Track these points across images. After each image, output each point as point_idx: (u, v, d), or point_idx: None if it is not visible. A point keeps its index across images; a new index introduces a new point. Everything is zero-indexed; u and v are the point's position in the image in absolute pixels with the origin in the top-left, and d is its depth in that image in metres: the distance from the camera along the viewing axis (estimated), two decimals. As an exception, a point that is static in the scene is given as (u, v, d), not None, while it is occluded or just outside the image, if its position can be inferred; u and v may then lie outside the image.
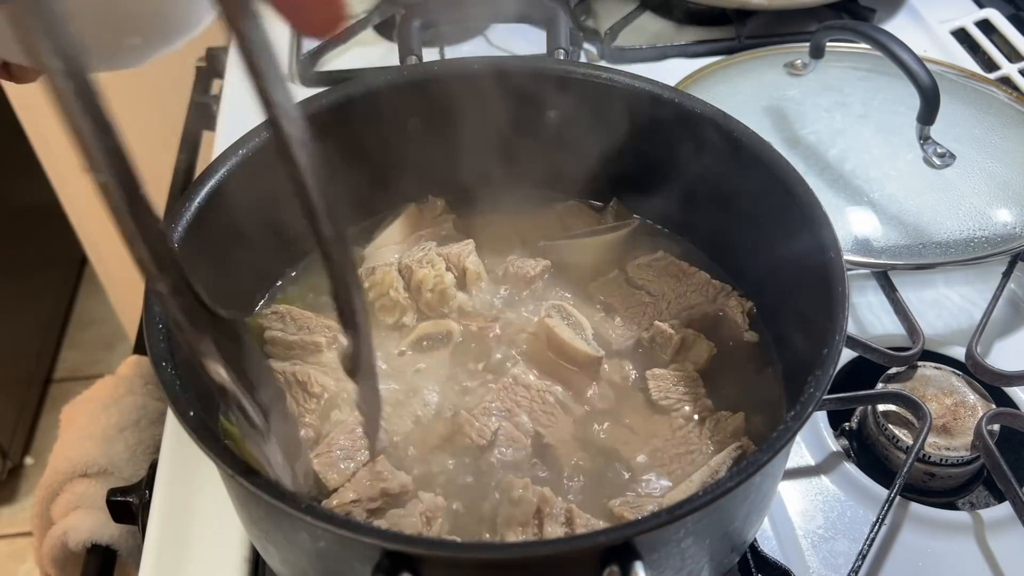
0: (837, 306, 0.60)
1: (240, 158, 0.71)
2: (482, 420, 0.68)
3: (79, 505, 0.85)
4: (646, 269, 0.81)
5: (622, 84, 0.79)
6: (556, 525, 0.60)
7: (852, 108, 1.00)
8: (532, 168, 0.84)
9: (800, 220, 0.67)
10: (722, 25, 1.28)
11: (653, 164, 0.82)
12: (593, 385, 0.72)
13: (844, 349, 0.59)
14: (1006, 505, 0.75)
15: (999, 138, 0.98)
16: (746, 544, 0.66)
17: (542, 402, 0.70)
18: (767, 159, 0.71)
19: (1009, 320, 0.92)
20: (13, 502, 2.15)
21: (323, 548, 0.53)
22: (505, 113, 0.78)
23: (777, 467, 0.64)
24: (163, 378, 0.56)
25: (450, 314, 0.77)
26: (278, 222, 0.65)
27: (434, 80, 0.81)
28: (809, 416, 0.54)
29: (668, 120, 0.77)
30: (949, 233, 0.88)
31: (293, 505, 0.49)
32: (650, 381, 0.72)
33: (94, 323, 2.49)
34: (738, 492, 0.51)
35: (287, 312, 0.76)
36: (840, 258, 0.63)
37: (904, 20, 1.30)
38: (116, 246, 0.39)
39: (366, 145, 0.80)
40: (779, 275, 0.72)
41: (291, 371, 0.72)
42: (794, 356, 0.70)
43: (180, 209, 0.67)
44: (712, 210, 0.79)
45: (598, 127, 0.80)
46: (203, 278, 0.44)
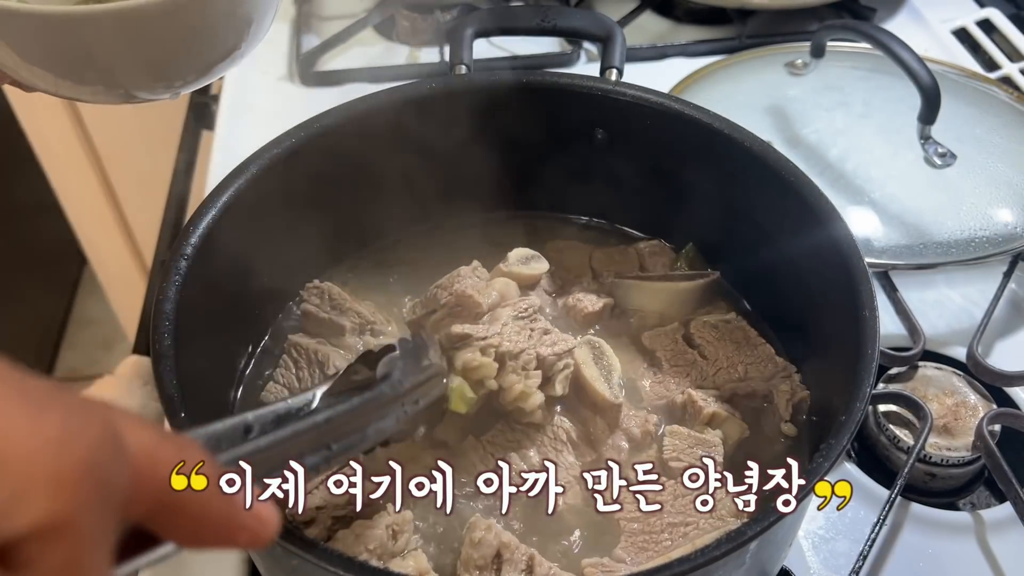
0: (858, 392, 0.57)
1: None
2: (489, 447, 0.67)
3: (78, 505, 0.84)
4: (709, 329, 0.76)
5: (701, 121, 0.75)
6: (515, 571, 0.59)
7: (853, 108, 1.00)
8: (599, 192, 0.84)
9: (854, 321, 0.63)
10: (723, 25, 1.28)
11: (737, 218, 0.78)
12: (610, 433, 0.69)
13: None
14: (1007, 505, 0.75)
15: (1000, 138, 0.97)
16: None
17: (553, 437, 0.67)
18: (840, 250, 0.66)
19: (1010, 320, 0.92)
20: (13, 502, 2.14)
21: (296, 566, 0.53)
22: (570, 135, 0.79)
23: (768, 540, 0.59)
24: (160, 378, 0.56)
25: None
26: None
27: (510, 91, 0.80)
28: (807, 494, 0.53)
29: (756, 176, 0.74)
30: (950, 233, 0.88)
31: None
32: (667, 438, 0.68)
33: (93, 323, 2.49)
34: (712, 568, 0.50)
35: (328, 290, 0.77)
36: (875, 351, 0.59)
37: (905, 20, 1.30)
38: (116, 246, 0.39)
39: (440, 150, 0.79)
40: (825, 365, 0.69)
41: (314, 348, 0.73)
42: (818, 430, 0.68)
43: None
44: (785, 286, 0.75)
45: (683, 165, 0.78)
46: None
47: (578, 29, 0.91)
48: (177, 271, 0.63)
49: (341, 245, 0.83)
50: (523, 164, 0.82)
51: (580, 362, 0.70)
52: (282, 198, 0.73)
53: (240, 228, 0.69)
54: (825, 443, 0.55)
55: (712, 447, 0.67)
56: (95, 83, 0.57)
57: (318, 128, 0.74)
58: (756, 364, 0.73)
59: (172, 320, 0.60)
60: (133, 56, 0.55)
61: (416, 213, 0.85)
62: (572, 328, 0.77)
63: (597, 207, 0.87)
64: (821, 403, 0.70)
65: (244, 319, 0.76)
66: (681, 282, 0.79)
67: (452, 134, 0.79)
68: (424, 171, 0.79)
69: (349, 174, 0.78)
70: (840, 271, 0.64)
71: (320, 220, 0.78)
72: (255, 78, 1.19)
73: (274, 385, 0.72)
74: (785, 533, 0.63)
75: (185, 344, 0.60)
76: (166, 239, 1.11)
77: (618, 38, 0.86)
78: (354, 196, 0.80)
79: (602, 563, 0.61)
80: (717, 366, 0.74)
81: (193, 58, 0.58)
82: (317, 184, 0.76)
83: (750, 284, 0.80)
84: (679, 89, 1.07)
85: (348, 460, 0.53)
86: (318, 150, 0.74)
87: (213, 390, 0.71)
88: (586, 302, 0.77)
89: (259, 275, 0.74)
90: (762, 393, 0.72)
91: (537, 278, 0.78)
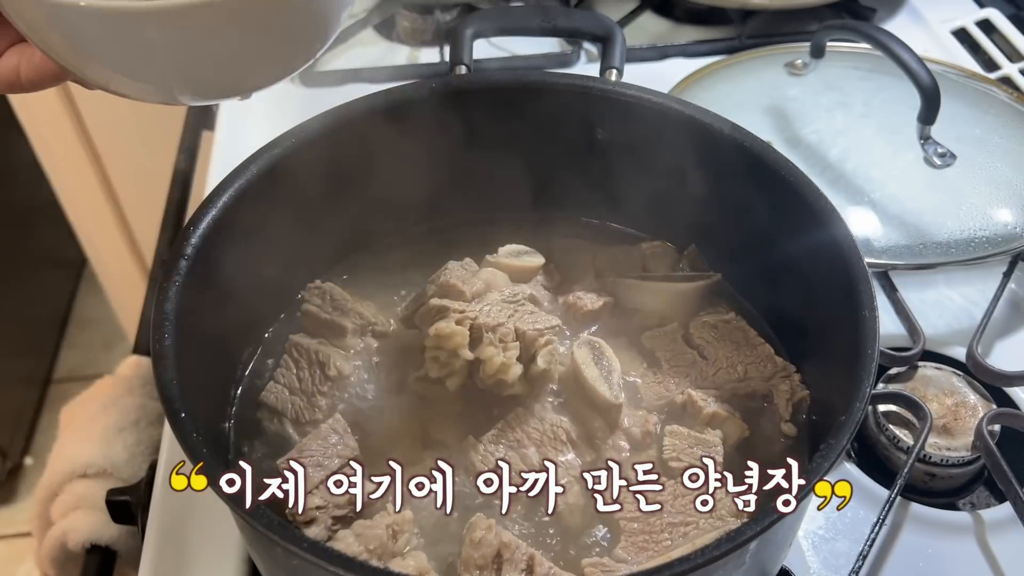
0: (858, 392, 0.57)
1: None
2: (489, 447, 0.67)
3: (78, 506, 0.85)
4: (709, 329, 0.76)
5: (705, 123, 0.75)
6: (515, 571, 0.59)
7: (853, 108, 1.00)
8: (600, 193, 0.84)
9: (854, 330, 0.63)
10: (722, 25, 1.28)
11: (736, 218, 0.78)
12: (610, 433, 0.69)
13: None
14: (1007, 505, 0.75)
15: (1000, 138, 0.97)
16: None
17: (553, 437, 0.67)
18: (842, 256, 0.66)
19: (1010, 320, 0.92)
20: (13, 502, 2.14)
21: (296, 566, 0.54)
22: (569, 134, 0.79)
23: (768, 540, 0.59)
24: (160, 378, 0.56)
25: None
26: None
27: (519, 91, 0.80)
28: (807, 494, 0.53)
29: (756, 176, 0.73)
30: (950, 233, 0.88)
31: (262, 522, 0.50)
32: (666, 438, 0.68)
33: (93, 323, 2.49)
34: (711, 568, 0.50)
35: (329, 290, 0.77)
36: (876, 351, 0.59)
37: (905, 20, 1.30)
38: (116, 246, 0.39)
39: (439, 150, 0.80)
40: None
41: (315, 349, 0.73)
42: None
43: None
44: (785, 286, 0.75)
45: (684, 167, 0.78)
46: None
47: (578, 29, 0.91)
48: (177, 271, 0.63)
49: (342, 245, 0.83)
50: (523, 165, 0.82)
51: (580, 362, 0.70)
52: (282, 198, 0.73)
53: (240, 228, 0.69)
54: (825, 443, 0.55)
55: (712, 447, 0.67)
56: (153, 82, 0.53)
57: (318, 128, 0.74)
58: (756, 364, 0.73)
59: (172, 320, 0.60)
60: (194, 55, 0.51)
61: (417, 213, 0.85)
62: (572, 326, 0.77)
63: (598, 208, 0.87)
64: (821, 403, 0.70)
65: (244, 319, 0.76)
66: (682, 283, 0.79)
67: (452, 134, 0.79)
68: (425, 171, 0.79)
69: (349, 174, 0.78)
70: (840, 271, 0.64)
71: (321, 220, 0.78)
72: (255, 78, 1.19)
73: (274, 385, 0.72)
74: (785, 533, 0.63)
75: (185, 344, 0.60)
76: (166, 239, 1.11)
77: (618, 38, 0.86)
78: (355, 196, 0.80)
79: (602, 563, 0.61)
80: (717, 366, 0.74)
81: (262, 59, 0.53)
82: (317, 184, 0.76)
83: (750, 284, 0.80)
84: (679, 89, 1.07)
85: None
86: (318, 150, 0.74)
87: (213, 390, 0.71)
88: (586, 300, 0.78)
89: (259, 275, 0.74)
90: (762, 393, 0.72)
91: (530, 271, 0.78)
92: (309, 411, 0.71)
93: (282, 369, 0.73)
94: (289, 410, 0.71)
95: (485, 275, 0.73)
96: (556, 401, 0.71)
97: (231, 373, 0.74)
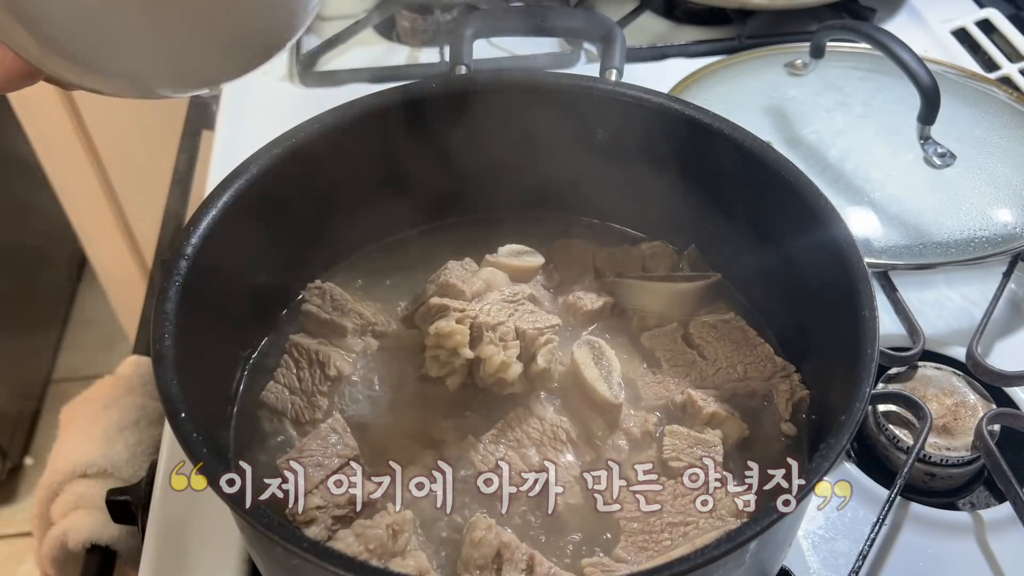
0: (858, 393, 0.57)
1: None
2: (489, 447, 0.67)
3: (79, 505, 0.85)
4: (709, 329, 0.76)
5: (707, 124, 0.75)
6: (515, 571, 0.59)
7: (853, 108, 1.00)
8: (600, 193, 0.84)
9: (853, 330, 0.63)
10: (722, 25, 1.28)
11: (736, 218, 0.78)
12: (610, 433, 0.69)
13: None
14: (1007, 505, 0.75)
15: (1000, 138, 0.97)
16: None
17: (553, 437, 0.67)
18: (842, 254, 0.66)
19: (1010, 320, 0.92)
20: (13, 502, 2.14)
21: (296, 566, 0.54)
22: (565, 133, 0.78)
23: (768, 540, 0.59)
24: (160, 378, 0.56)
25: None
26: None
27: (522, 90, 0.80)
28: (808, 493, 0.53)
29: (756, 176, 0.73)
30: (950, 233, 0.88)
31: (262, 521, 0.50)
32: (666, 438, 0.68)
33: (93, 323, 2.49)
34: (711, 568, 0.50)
35: (329, 290, 0.77)
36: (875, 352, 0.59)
37: (904, 20, 1.30)
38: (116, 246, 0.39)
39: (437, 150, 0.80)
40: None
41: (315, 349, 0.73)
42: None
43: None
44: (785, 286, 0.75)
45: (683, 167, 0.78)
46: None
47: (578, 29, 0.91)
48: (177, 271, 0.63)
49: (342, 245, 0.83)
50: (523, 165, 0.82)
51: (580, 362, 0.70)
52: (283, 198, 0.73)
53: (240, 228, 0.69)
54: (825, 443, 0.55)
55: (712, 447, 0.67)
56: (120, 75, 0.52)
57: (318, 128, 0.74)
58: (756, 364, 0.73)
59: (172, 320, 0.60)
60: (159, 43, 0.50)
61: (417, 213, 0.85)
62: (572, 326, 0.77)
63: (598, 208, 0.87)
64: (821, 403, 0.70)
65: (244, 319, 0.76)
66: (682, 283, 0.79)
67: (453, 134, 0.79)
68: (425, 171, 0.79)
69: (350, 174, 0.78)
70: (840, 271, 0.64)
71: (320, 220, 0.78)
72: (255, 78, 1.18)
73: (275, 385, 0.72)
74: (785, 533, 0.63)
75: (185, 344, 0.60)
76: (166, 239, 1.11)
77: (618, 38, 0.86)
78: (355, 196, 0.80)
79: (602, 563, 0.61)
80: (717, 366, 0.74)
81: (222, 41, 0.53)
82: (318, 184, 0.76)
83: (750, 284, 0.80)
84: (679, 89, 1.07)
85: None
86: (318, 150, 0.74)
87: (213, 390, 0.71)
88: (586, 300, 0.78)
89: (259, 275, 0.74)
90: (762, 393, 0.72)
91: (530, 271, 0.78)
92: (309, 411, 0.71)
93: (282, 369, 0.73)
94: (289, 410, 0.71)
95: (485, 275, 0.73)
96: (556, 401, 0.71)
97: (231, 373, 0.74)
